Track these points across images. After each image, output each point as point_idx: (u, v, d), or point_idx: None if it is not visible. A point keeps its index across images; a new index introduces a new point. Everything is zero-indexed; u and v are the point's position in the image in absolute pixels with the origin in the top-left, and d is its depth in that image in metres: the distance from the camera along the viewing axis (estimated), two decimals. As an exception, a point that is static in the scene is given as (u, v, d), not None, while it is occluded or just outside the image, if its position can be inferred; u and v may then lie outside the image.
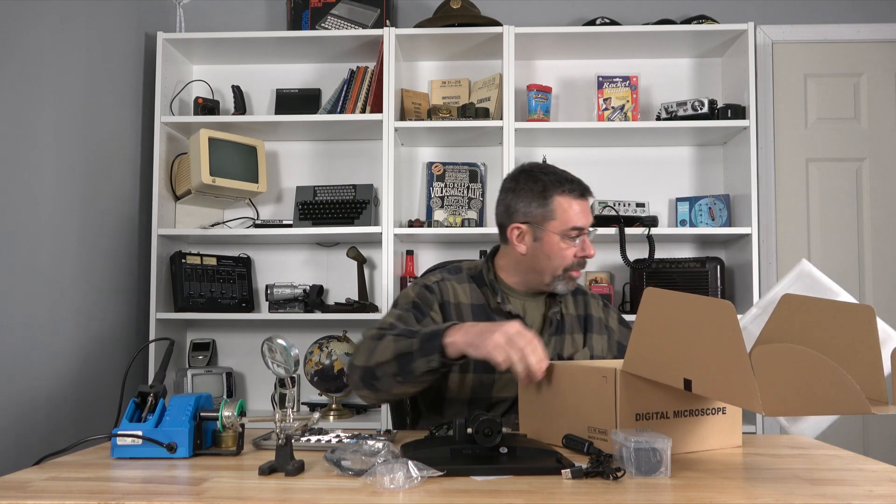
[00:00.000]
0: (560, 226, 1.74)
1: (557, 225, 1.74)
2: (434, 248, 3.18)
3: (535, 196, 1.76)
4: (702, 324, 1.14)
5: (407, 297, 1.79)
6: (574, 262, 1.77)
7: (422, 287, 1.80)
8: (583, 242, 1.77)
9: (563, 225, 1.74)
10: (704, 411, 1.35)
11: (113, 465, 1.25)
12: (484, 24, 2.98)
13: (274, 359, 1.24)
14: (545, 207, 1.75)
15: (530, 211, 1.76)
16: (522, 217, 1.77)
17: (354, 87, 3.03)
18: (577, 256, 1.76)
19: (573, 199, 1.75)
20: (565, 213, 1.74)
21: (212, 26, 3.27)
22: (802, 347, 1.03)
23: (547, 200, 1.75)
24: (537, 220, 1.75)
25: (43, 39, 2.38)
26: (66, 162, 2.49)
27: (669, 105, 2.94)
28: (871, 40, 3.17)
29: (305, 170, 3.24)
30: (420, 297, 1.77)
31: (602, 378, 1.29)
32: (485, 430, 1.19)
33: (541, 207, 1.75)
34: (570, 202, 1.75)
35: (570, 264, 1.77)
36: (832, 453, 1.37)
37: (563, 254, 1.75)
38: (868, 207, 3.15)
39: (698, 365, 1.15)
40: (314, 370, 2.84)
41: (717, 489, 1.08)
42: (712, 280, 2.88)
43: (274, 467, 1.17)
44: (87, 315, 2.60)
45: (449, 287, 1.80)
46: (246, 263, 3.14)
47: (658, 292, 1.23)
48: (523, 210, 1.77)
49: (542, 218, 1.75)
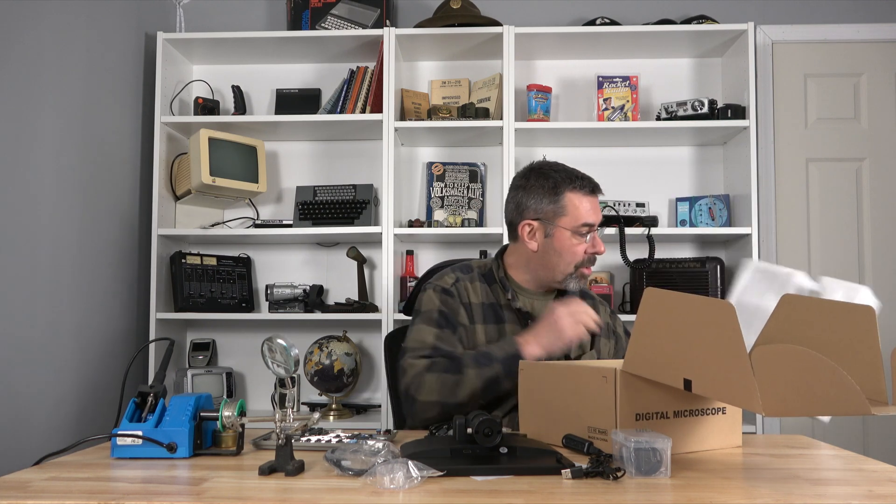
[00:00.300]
0: (571, 222, 1.75)
1: (569, 221, 1.75)
2: (434, 248, 3.18)
3: (547, 192, 1.77)
4: (702, 324, 1.14)
5: (431, 307, 1.78)
6: (585, 258, 1.78)
7: (442, 293, 1.79)
8: (593, 239, 1.78)
9: (575, 221, 1.75)
10: (704, 411, 1.35)
11: (113, 465, 1.25)
12: (484, 24, 2.98)
13: (274, 359, 1.23)
14: (556, 204, 1.76)
15: (542, 207, 1.78)
16: (534, 214, 1.79)
17: (354, 87, 3.03)
18: (588, 253, 1.78)
19: (584, 195, 1.77)
20: (576, 209, 1.75)
21: (212, 26, 3.27)
22: (802, 348, 1.03)
23: (558, 197, 1.76)
24: (548, 217, 1.77)
25: (43, 39, 2.38)
26: (66, 162, 2.49)
27: (669, 105, 2.94)
28: (871, 40, 3.17)
29: (305, 170, 3.24)
30: (445, 305, 1.77)
31: (602, 378, 1.29)
32: (485, 430, 1.19)
33: (552, 204, 1.76)
34: (581, 198, 1.76)
35: (581, 261, 1.78)
36: (832, 453, 1.37)
37: (574, 250, 1.76)
38: (868, 207, 3.15)
39: (698, 365, 1.15)
40: (314, 370, 2.84)
41: (717, 489, 1.08)
42: (712, 280, 2.88)
43: (274, 467, 1.17)
44: (87, 315, 2.60)
45: (464, 287, 1.81)
46: (246, 263, 3.14)
47: (658, 292, 1.23)
48: (534, 207, 1.78)
49: (554, 214, 1.76)
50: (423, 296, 1.82)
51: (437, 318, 1.76)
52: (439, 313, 1.76)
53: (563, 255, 1.77)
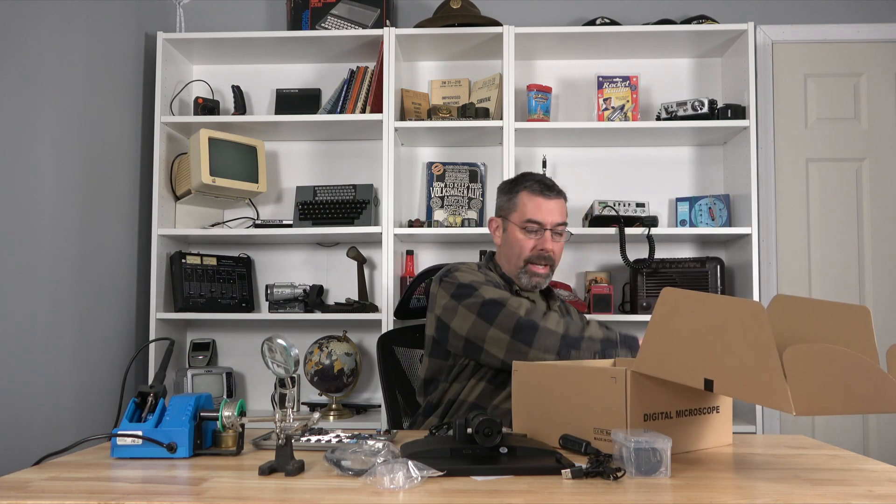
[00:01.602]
0: (519, 217, 1.94)
1: (517, 217, 1.94)
2: (434, 248, 3.18)
3: (506, 191, 2.00)
4: (726, 323, 1.13)
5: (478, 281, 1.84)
6: (532, 253, 1.91)
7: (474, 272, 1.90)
8: (543, 237, 1.92)
9: (522, 216, 1.93)
10: (702, 410, 1.36)
11: (113, 465, 1.25)
12: (484, 24, 2.98)
13: (274, 359, 1.24)
14: (511, 201, 1.97)
15: (502, 205, 2.00)
16: (497, 211, 2.01)
17: (354, 87, 3.03)
18: (535, 249, 1.91)
19: (534, 194, 1.94)
20: (524, 206, 1.94)
21: (212, 26, 3.27)
22: (840, 347, 1.03)
23: (513, 195, 1.97)
24: (505, 213, 1.98)
25: (43, 39, 2.38)
26: (66, 162, 2.49)
27: (669, 105, 2.94)
28: (871, 40, 3.17)
29: (305, 170, 3.24)
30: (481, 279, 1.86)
31: (611, 379, 1.28)
32: (485, 430, 1.19)
33: (508, 201, 1.98)
34: (532, 197, 1.93)
35: (529, 256, 1.92)
36: (832, 453, 1.38)
37: (521, 244, 1.92)
38: (868, 207, 3.15)
39: (721, 365, 1.14)
40: (314, 370, 2.84)
41: (717, 489, 1.08)
42: (712, 280, 2.88)
43: (274, 467, 1.17)
44: (87, 315, 2.60)
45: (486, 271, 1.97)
46: (246, 263, 3.14)
47: (676, 292, 1.23)
48: (498, 204, 2.03)
49: (508, 210, 1.97)
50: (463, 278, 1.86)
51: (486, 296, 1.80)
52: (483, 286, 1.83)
53: (514, 248, 1.93)
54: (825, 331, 1.20)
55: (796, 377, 1.05)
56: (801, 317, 1.22)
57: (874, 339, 1.15)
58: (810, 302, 1.23)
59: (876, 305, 3.10)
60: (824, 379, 1.03)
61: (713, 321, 1.16)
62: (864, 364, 1.00)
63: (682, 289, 1.23)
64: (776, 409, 1.08)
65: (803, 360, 1.05)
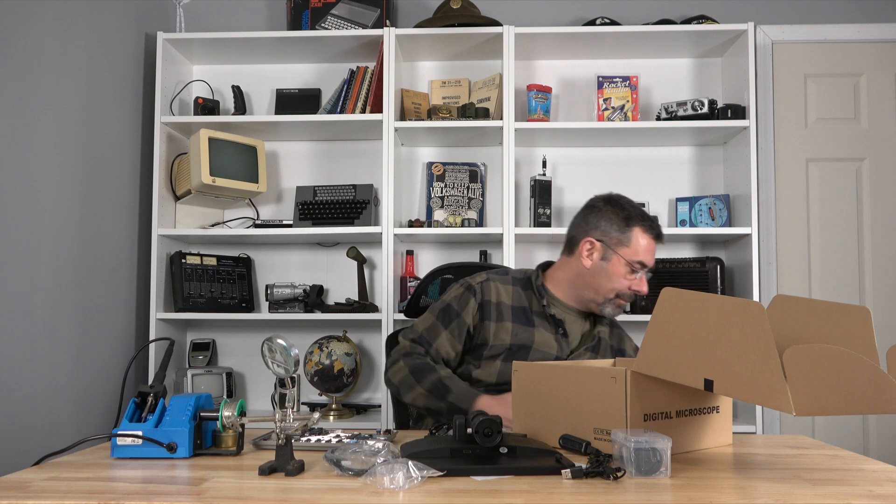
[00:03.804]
0: (630, 254, 1.88)
1: (628, 253, 1.88)
2: (434, 248, 3.18)
3: (618, 220, 1.91)
4: (726, 324, 1.13)
5: (446, 299, 1.94)
6: (627, 292, 1.90)
7: (465, 288, 1.93)
8: (640, 279, 1.90)
9: (633, 255, 1.88)
10: (701, 410, 1.35)
11: (113, 465, 1.25)
12: (484, 24, 2.98)
13: (274, 359, 1.24)
14: (623, 234, 1.89)
15: (609, 231, 1.90)
16: (599, 234, 1.91)
17: (354, 87, 3.03)
18: (632, 289, 1.89)
19: (650, 236, 1.90)
20: (638, 244, 1.88)
21: (212, 26, 3.27)
22: (840, 348, 1.03)
23: (628, 228, 1.89)
24: (612, 242, 1.89)
25: (43, 39, 2.38)
26: (66, 162, 2.49)
27: (669, 105, 2.94)
28: (871, 40, 3.16)
29: (305, 170, 3.24)
30: (457, 301, 1.91)
31: (611, 379, 1.28)
32: (485, 430, 1.19)
33: (619, 232, 1.89)
34: (646, 238, 1.89)
35: (623, 293, 1.90)
36: (832, 453, 1.38)
37: (621, 280, 1.88)
38: (868, 207, 3.15)
39: (721, 365, 1.14)
40: (314, 370, 2.85)
41: (716, 489, 1.08)
42: (712, 280, 2.88)
43: (274, 467, 1.17)
44: (87, 315, 2.60)
45: (492, 287, 1.93)
46: (246, 263, 3.14)
47: (676, 292, 1.23)
48: (603, 228, 1.91)
49: (618, 242, 1.89)
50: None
51: (441, 310, 1.92)
52: (446, 307, 1.92)
53: (611, 281, 1.88)
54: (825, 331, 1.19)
55: (796, 377, 1.04)
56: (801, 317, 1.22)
57: (874, 340, 1.15)
58: (810, 302, 1.23)
59: (876, 305, 3.10)
60: (824, 379, 1.03)
61: (713, 321, 1.15)
62: (864, 364, 1.00)
63: (681, 289, 1.23)
64: (776, 409, 1.08)
65: (803, 361, 1.04)
